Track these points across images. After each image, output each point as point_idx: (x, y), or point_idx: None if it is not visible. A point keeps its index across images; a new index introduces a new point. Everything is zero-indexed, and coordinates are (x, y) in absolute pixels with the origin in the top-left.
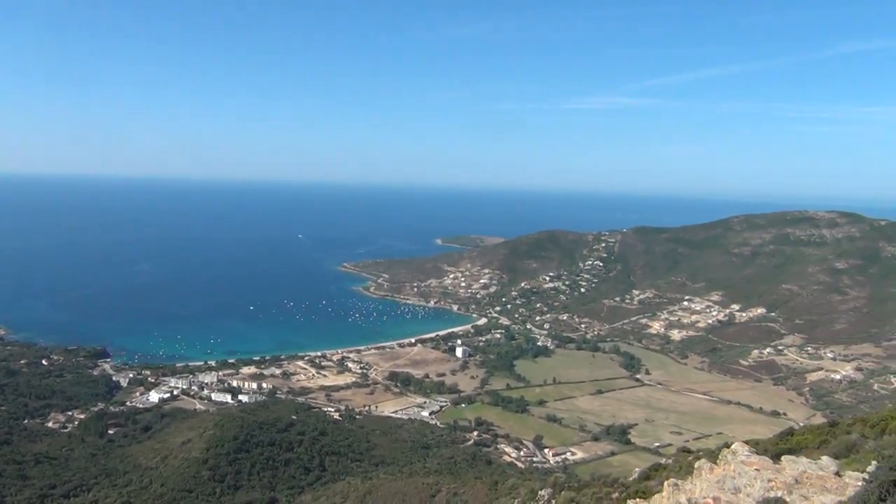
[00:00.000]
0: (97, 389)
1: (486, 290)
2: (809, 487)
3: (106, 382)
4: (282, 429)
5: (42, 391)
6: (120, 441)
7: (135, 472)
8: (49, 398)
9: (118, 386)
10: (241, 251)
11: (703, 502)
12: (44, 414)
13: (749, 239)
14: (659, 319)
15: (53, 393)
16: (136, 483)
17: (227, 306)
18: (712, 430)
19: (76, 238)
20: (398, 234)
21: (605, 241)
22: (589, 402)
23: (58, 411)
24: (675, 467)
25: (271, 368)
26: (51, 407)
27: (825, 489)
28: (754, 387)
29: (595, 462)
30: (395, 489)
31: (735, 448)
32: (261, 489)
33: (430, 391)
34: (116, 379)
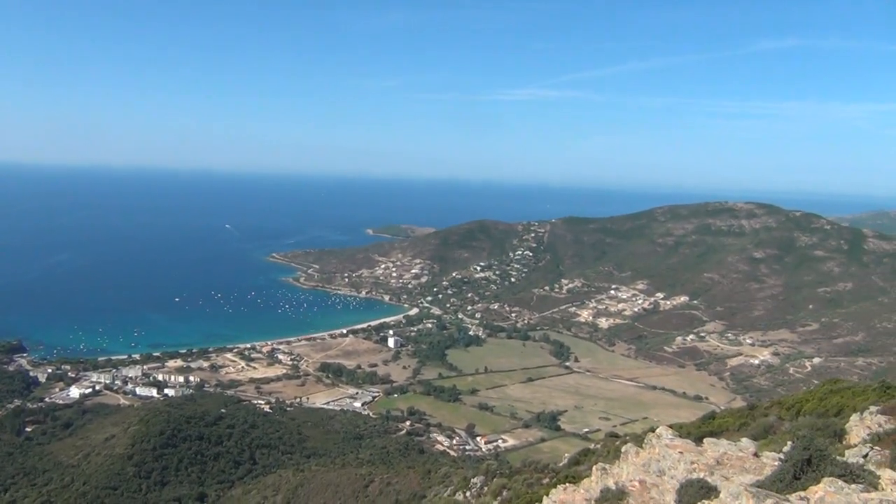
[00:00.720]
0: (13, 386)
1: (417, 280)
2: (730, 468)
3: (22, 378)
4: (210, 422)
5: None
6: (39, 439)
7: (55, 470)
8: None
9: (36, 381)
10: (165, 241)
11: (630, 486)
12: None
13: (673, 229)
14: (587, 308)
15: None
16: (57, 482)
17: (151, 298)
18: (639, 415)
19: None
20: (328, 225)
21: (535, 231)
22: (520, 390)
23: None
24: (604, 452)
25: (199, 361)
26: None
27: (744, 469)
28: (678, 372)
29: (526, 449)
30: (327, 481)
31: (660, 432)
32: (189, 484)
33: (363, 382)
34: (34, 374)
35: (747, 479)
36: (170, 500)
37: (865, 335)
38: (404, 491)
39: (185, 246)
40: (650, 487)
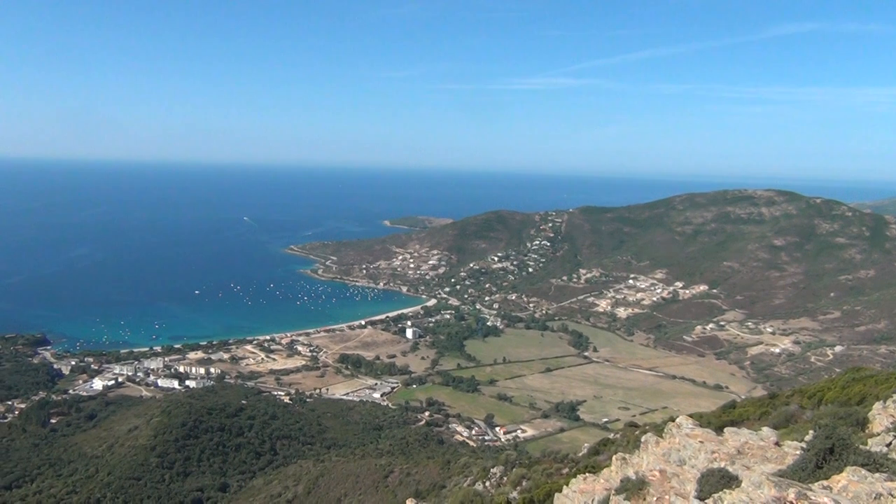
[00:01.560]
0: (38, 378)
1: (434, 271)
2: (751, 457)
3: (47, 370)
4: (231, 414)
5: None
6: (63, 430)
7: (80, 461)
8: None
9: (60, 374)
10: (184, 234)
11: (650, 475)
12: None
13: (691, 217)
14: (605, 298)
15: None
16: (82, 472)
17: (171, 291)
18: (658, 404)
19: (12, 222)
20: (345, 216)
21: (552, 221)
22: (538, 381)
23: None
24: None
25: (219, 353)
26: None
27: (766, 458)
28: (698, 362)
29: (545, 439)
30: (347, 471)
31: (680, 422)
32: (211, 475)
33: (381, 373)
34: (58, 367)
35: (769, 469)
36: (192, 491)
37: (888, 323)
38: (424, 481)
39: (204, 239)
40: (670, 477)
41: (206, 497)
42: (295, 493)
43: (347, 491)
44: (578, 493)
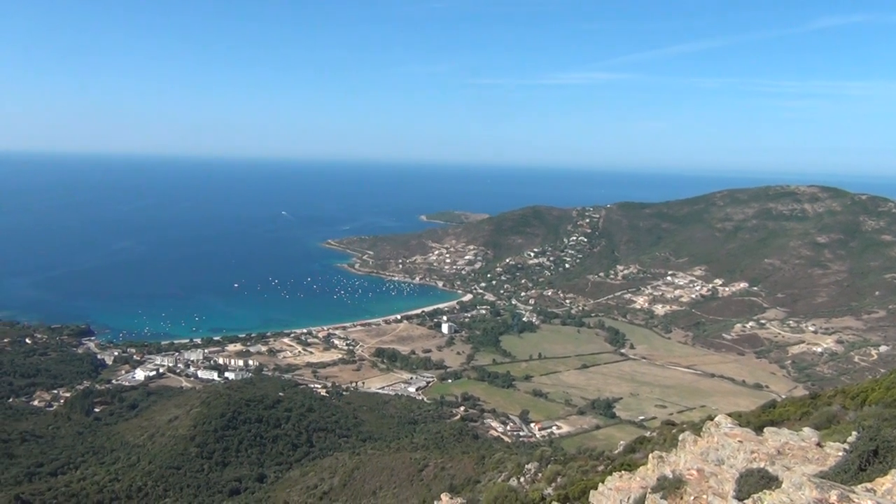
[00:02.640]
0: (82, 368)
1: (471, 266)
2: (791, 458)
3: (91, 360)
4: (269, 405)
5: (27, 370)
6: (106, 419)
7: (122, 449)
8: (34, 377)
9: (103, 364)
10: (224, 228)
11: (688, 474)
12: (29, 392)
13: (732, 214)
14: (643, 294)
15: (38, 371)
16: (124, 460)
17: (211, 284)
18: (696, 402)
19: (57, 216)
20: (382, 211)
21: (590, 216)
22: (574, 377)
23: (43, 390)
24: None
25: (257, 346)
26: (36, 385)
27: (807, 459)
28: (737, 360)
29: (581, 435)
30: (382, 464)
31: (718, 420)
32: (249, 465)
33: (417, 367)
34: (101, 357)
35: (810, 470)
36: (230, 481)
37: None
38: (458, 476)
39: (243, 233)
40: (709, 476)
41: (243, 487)
42: (331, 486)
43: (382, 484)
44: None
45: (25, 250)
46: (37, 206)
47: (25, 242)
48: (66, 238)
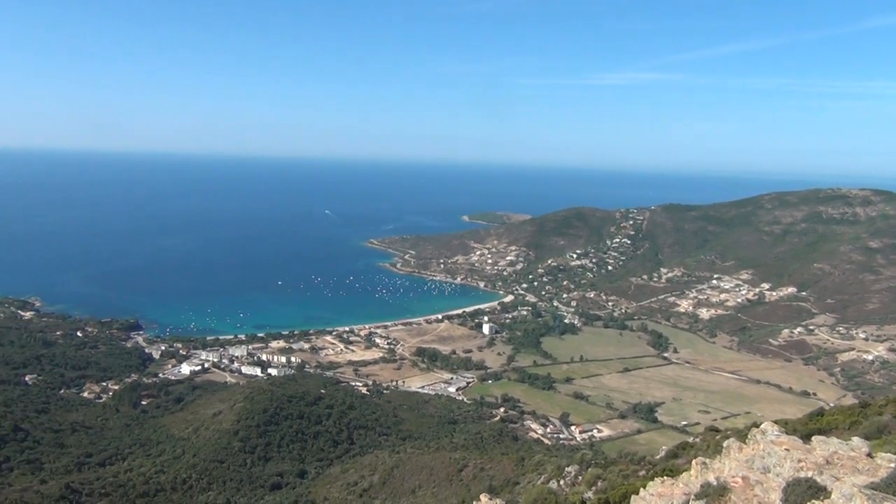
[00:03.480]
0: (130, 361)
1: (512, 267)
2: (840, 468)
3: (139, 354)
4: (310, 402)
5: (77, 362)
6: (153, 412)
7: (168, 442)
8: (84, 369)
9: (150, 358)
10: (268, 226)
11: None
12: (79, 384)
13: (780, 217)
14: (687, 298)
15: (88, 364)
16: (169, 453)
17: (255, 281)
18: (741, 409)
19: (107, 212)
20: (425, 211)
21: (633, 218)
22: (616, 380)
23: (93, 382)
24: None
25: (300, 343)
26: (86, 377)
27: (857, 470)
28: (784, 366)
29: (622, 440)
30: (422, 463)
31: (764, 428)
32: (290, 461)
33: (457, 367)
34: (149, 351)
35: (860, 481)
36: (272, 475)
37: None
38: (498, 477)
39: (287, 231)
40: (754, 484)
41: (285, 482)
42: (370, 483)
43: (422, 483)
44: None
45: (78, 246)
46: (87, 203)
47: (77, 238)
48: (116, 234)
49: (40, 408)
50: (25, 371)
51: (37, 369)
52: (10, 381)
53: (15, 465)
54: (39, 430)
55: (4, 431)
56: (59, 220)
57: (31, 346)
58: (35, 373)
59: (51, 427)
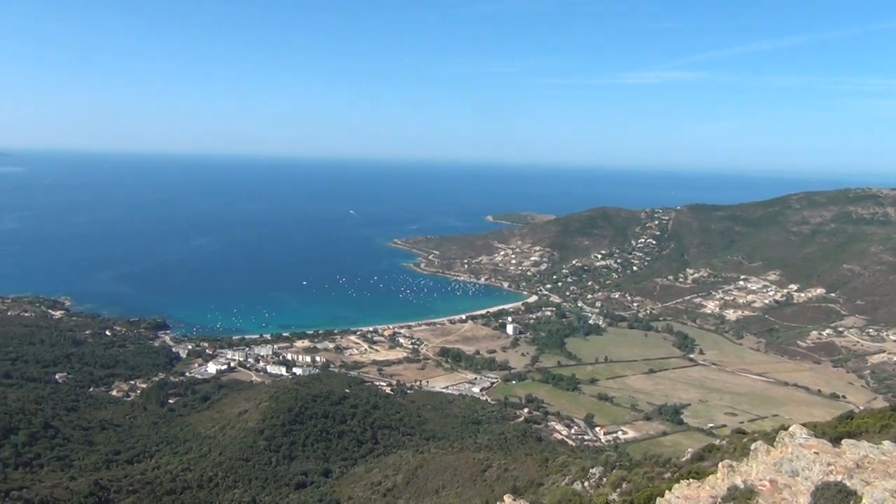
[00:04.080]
0: (158, 360)
1: (536, 267)
2: (871, 472)
3: (166, 353)
4: (335, 402)
5: (106, 360)
6: (180, 410)
7: (194, 440)
8: (113, 367)
9: (178, 357)
10: (293, 226)
11: (760, 485)
12: (108, 382)
13: (809, 217)
14: (714, 299)
15: (117, 362)
16: (196, 451)
17: (281, 281)
18: (768, 411)
19: (134, 213)
20: (449, 211)
21: (659, 218)
22: (641, 382)
23: (121, 380)
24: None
25: (324, 342)
26: (115, 376)
27: (888, 474)
28: (812, 369)
29: (647, 441)
30: (446, 463)
31: (793, 430)
32: (315, 460)
33: (481, 367)
34: (176, 350)
35: (891, 485)
36: (297, 474)
37: None
38: (522, 478)
39: (312, 231)
40: (782, 488)
41: (309, 481)
42: (394, 483)
43: (445, 483)
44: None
45: (107, 246)
46: (115, 204)
47: (106, 239)
48: (144, 235)
49: (70, 406)
50: (56, 369)
51: (67, 368)
52: (41, 380)
53: (45, 461)
54: (69, 428)
55: (35, 429)
56: (87, 220)
57: (62, 345)
58: (65, 371)
59: (80, 425)
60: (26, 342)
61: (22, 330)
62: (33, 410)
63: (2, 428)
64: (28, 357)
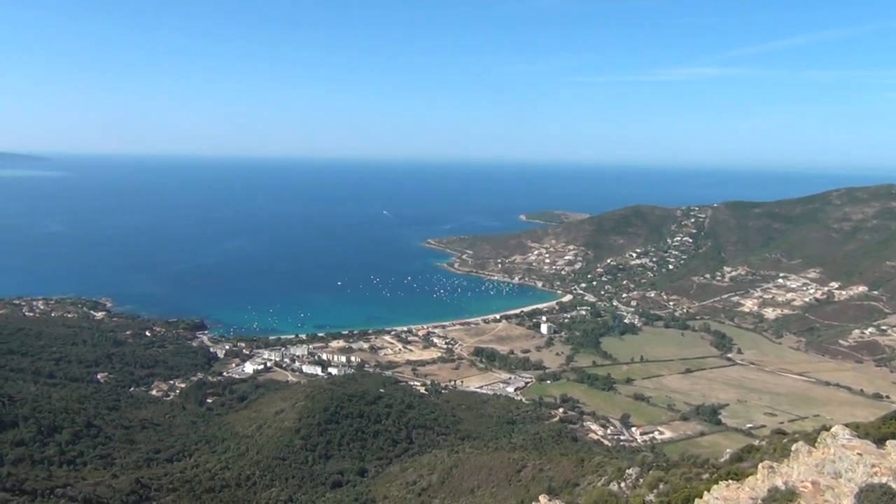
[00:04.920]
0: (196, 360)
1: (570, 266)
2: None
3: (204, 353)
4: (370, 401)
5: (146, 361)
6: (218, 409)
7: (232, 439)
8: (152, 367)
9: (215, 357)
10: (328, 228)
11: (801, 486)
12: (148, 382)
13: (850, 213)
14: (752, 297)
15: (156, 362)
16: (234, 450)
17: (316, 281)
18: (809, 412)
19: (175, 215)
20: (482, 211)
21: (695, 216)
22: (678, 381)
23: (161, 380)
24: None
25: (359, 342)
26: (154, 376)
27: None
28: (855, 368)
29: (684, 442)
30: (480, 463)
31: (835, 431)
32: (350, 459)
33: (515, 367)
34: (214, 350)
35: None
36: (333, 473)
37: None
38: (557, 478)
39: (347, 232)
40: (824, 490)
41: (345, 480)
42: (429, 482)
43: (480, 483)
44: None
45: (146, 248)
46: (155, 207)
47: (146, 240)
48: (186, 236)
49: (111, 405)
50: (97, 369)
51: (108, 367)
52: (84, 379)
53: (88, 459)
54: (111, 427)
55: (78, 427)
56: (127, 223)
57: (103, 346)
58: (106, 371)
59: (121, 424)
60: (69, 343)
61: (65, 331)
62: (76, 410)
63: (47, 427)
64: (71, 357)
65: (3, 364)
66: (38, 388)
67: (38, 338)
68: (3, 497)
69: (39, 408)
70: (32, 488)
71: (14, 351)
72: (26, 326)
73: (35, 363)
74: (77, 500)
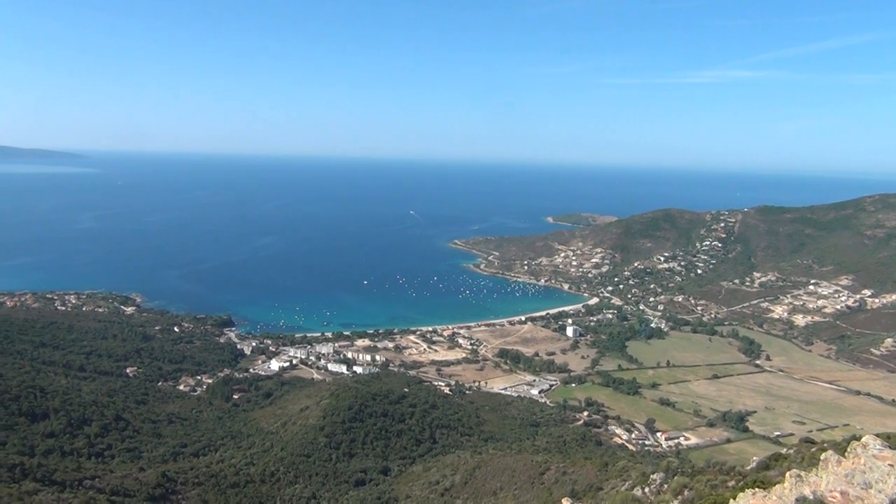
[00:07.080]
0: (223, 356)
1: (597, 269)
2: None
3: (231, 350)
4: (394, 400)
5: (174, 356)
6: (244, 405)
7: (257, 435)
8: (180, 363)
9: (242, 353)
10: (355, 227)
11: (829, 496)
12: (176, 377)
13: (884, 220)
14: (782, 304)
15: (184, 358)
16: (259, 446)
17: (342, 280)
18: (839, 421)
19: (204, 213)
20: (509, 212)
21: (724, 220)
22: (704, 387)
23: (188, 375)
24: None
25: (384, 341)
26: (182, 371)
27: None
28: (887, 377)
29: (710, 448)
30: (503, 465)
31: (866, 441)
32: (374, 458)
33: (540, 369)
34: (240, 347)
35: None
36: (356, 471)
37: None
38: (580, 481)
39: (373, 232)
40: (853, 500)
41: (368, 479)
42: (452, 483)
43: (503, 485)
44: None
45: (177, 245)
46: (185, 204)
47: (177, 237)
48: (215, 234)
49: (140, 399)
50: (127, 364)
51: (137, 362)
52: (113, 373)
53: (116, 452)
54: (139, 420)
55: (107, 420)
56: (156, 220)
57: (132, 340)
58: (135, 365)
59: (149, 418)
60: (100, 337)
61: (96, 325)
62: (105, 403)
63: (76, 419)
64: (101, 351)
65: (35, 357)
66: (69, 381)
67: (70, 332)
68: (33, 487)
69: (70, 400)
70: (62, 479)
71: (46, 344)
72: (58, 320)
73: (66, 356)
74: (104, 492)
